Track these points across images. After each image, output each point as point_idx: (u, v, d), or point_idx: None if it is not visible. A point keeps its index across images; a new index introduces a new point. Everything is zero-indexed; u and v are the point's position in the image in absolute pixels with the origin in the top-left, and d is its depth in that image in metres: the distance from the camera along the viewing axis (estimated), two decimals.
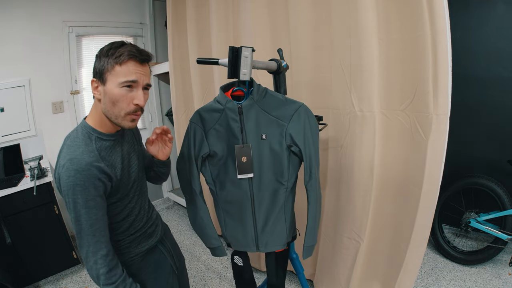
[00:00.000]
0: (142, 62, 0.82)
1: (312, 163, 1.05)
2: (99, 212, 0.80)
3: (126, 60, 0.79)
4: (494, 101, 2.07)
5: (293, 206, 1.16)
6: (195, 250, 2.45)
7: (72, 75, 2.60)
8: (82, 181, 0.76)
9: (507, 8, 1.91)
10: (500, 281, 1.81)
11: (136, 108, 0.83)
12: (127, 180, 0.90)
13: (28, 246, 1.97)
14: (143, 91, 0.84)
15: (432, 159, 1.18)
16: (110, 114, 0.83)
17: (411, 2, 1.12)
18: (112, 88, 0.80)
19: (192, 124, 1.10)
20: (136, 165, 0.95)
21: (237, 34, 1.77)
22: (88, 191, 0.77)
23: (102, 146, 0.84)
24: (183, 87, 2.48)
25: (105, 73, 0.80)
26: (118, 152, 0.88)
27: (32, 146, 2.37)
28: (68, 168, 0.76)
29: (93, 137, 0.84)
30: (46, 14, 2.40)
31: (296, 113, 1.03)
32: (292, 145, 1.04)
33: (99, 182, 0.79)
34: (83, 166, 0.77)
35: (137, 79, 0.81)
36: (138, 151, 0.99)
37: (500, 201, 1.89)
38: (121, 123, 0.84)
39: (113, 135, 0.88)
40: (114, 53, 0.78)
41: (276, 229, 1.11)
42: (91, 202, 0.78)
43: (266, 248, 1.13)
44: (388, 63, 1.25)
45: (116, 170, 0.85)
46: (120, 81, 0.79)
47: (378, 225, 1.44)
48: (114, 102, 0.81)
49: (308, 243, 1.11)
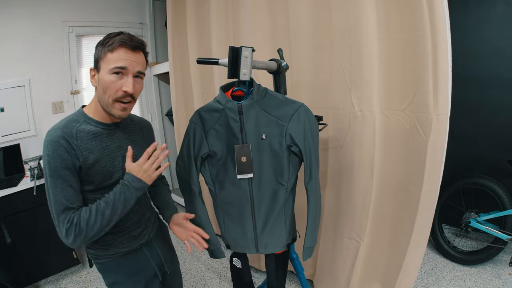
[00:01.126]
0: (134, 49, 0.82)
1: (312, 164, 1.05)
2: (65, 183, 0.80)
3: (117, 47, 0.80)
4: (494, 101, 2.07)
5: (293, 207, 1.16)
6: (195, 250, 2.45)
7: (72, 75, 2.60)
8: (51, 151, 0.79)
9: (507, 8, 1.91)
10: (500, 281, 1.81)
11: (123, 94, 0.83)
12: (108, 173, 0.88)
13: (28, 246, 1.97)
14: (134, 79, 0.84)
15: (432, 159, 1.18)
16: (102, 101, 0.85)
17: (411, 2, 1.12)
18: (103, 75, 0.82)
19: (192, 124, 1.10)
20: (121, 163, 0.91)
21: (237, 34, 1.77)
22: (55, 161, 0.79)
23: (86, 129, 0.85)
24: (183, 87, 2.48)
25: (100, 61, 0.82)
26: (102, 141, 0.88)
27: (32, 146, 2.37)
28: (44, 140, 0.81)
29: (81, 120, 0.86)
30: (46, 14, 2.41)
31: (296, 113, 1.03)
32: (292, 145, 1.04)
33: (66, 155, 0.80)
34: (54, 138, 0.80)
35: (127, 66, 0.81)
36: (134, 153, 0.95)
37: (500, 201, 1.89)
38: (111, 111, 0.85)
39: (103, 124, 0.89)
40: (108, 41, 0.80)
41: (275, 230, 1.11)
42: (57, 173, 0.79)
43: (266, 250, 1.13)
44: (388, 63, 1.25)
45: (89, 155, 0.84)
46: (110, 67, 0.80)
47: (378, 225, 1.44)
48: (105, 89, 0.82)
49: (308, 244, 1.10)
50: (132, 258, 0.99)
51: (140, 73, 0.85)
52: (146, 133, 1.05)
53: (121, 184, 0.86)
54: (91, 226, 0.80)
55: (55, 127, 0.83)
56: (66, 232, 0.79)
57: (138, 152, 0.94)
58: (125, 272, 0.98)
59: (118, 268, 0.97)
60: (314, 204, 1.08)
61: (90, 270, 2.25)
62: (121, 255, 0.96)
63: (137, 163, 0.87)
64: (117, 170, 0.91)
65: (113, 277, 0.98)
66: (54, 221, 0.81)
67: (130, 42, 0.81)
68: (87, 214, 0.80)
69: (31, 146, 2.37)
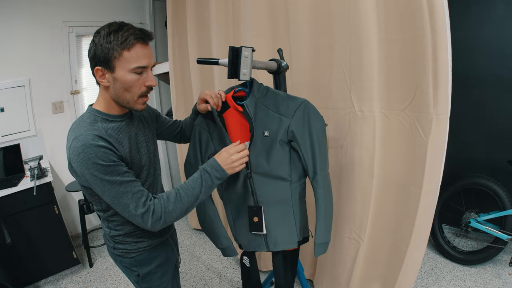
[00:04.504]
0: (147, 42, 0.82)
1: (316, 160, 1.03)
2: (120, 173, 0.79)
3: (133, 44, 0.77)
4: (494, 101, 2.07)
5: (303, 203, 1.14)
6: (195, 250, 2.45)
7: (72, 75, 2.60)
8: (92, 154, 0.75)
9: (507, 8, 1.91)
10: (500, 281, 1.81)
11: (147, 89, 0.84)
12: (138, 161, 0.90)
13: (28, 246, 1.97)
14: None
15: (432, 159, 1.18)
16: (122, 99, 0.83)
17: (411, 2, 1.11)
18: (123, 74, 0.79)
19: (197, 127, 1.12)
20: (145, 148, 0.95)
21: (237, 34, 1.77)
22: (100, 161, 0.76)
23: (109, 126, 0.85)
24: (183, 87, 2.48)
25: (113, 61, 0.78)
26: (125, 132, 0.88)
27: (32, 146, 2.37)
28: (75, 147, 0.76)
29: (99, 119, 0.84)
30: (46, 14, 2.41)
31: (299, 109, 1.02)
32: (293, 140, 1.03)
33: (109, 151, 0.78)
34: (89, 139, 0.76)
35: (147, 64, 0.81)
36: (147, 136, 0.99)
37: (500, 201, 1.89)
38: (134, 107, 0.85)
39: (120, 116, 0.89)
40: (118, 37, 0.76)
41: (284, 226, 1.10)
42: (108, 168, 0.77)
43: (276, 247, 1.12)
44: (388, 63, 1.25)
45: (124, 148, 0.85)
46: (132, 67, 0.79)
47: (378, 225, 1.44)
48: (127, 88, 0.81)
49: (318, 240, 1.08)
50: (162, 249, 1.03)
51: (153, 65, 0.86)
52: (147, 114, 1.06)
53: (201, 171, 0.88)
54: (169, 212, 0.83)
55: (80, 131, 0.78)
56: (142, 217, 0.80)
57: (148, 134, 0.99)
58: (157, 263, 1.01)
59: (151, 259, 1.00)
60: (323, 200, 1.05)
61: (90, 270, 2.26)
62: (153, 246, 1.00)
63: (227, 150, 0.91)
64: (143, 156, 0.93)
65: (146, 268, 1.00)
66: (126, 212, 0.80)
67: (145, 36, 0.79)
68: (164, 201, 0.83)
69: (31, 146, 2.37)
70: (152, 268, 1.00)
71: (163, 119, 1.17)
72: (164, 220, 0.83)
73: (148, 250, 0.99)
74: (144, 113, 1.03)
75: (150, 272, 1.00)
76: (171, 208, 0.83)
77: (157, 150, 1.05)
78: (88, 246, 2.28)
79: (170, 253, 1.08)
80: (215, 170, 0.88)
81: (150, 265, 1.00)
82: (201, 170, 0.89)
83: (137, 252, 0.97)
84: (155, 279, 1.02)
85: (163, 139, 1.21)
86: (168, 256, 1.07)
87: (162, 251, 1.04)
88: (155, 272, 1.01)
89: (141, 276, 1.00)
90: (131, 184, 0.80)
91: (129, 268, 1.01)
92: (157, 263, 1.02)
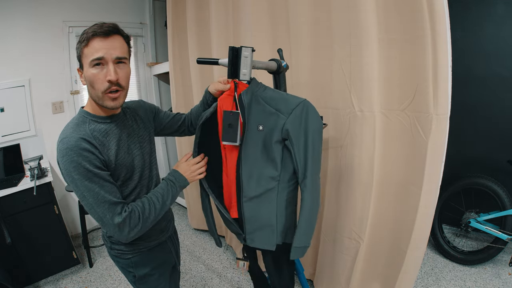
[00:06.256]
0: (107, 35, 0.79)
1: (308, 162, 0.99)
2: (101, 180, 0.79)
3: (90, 40, 0.78)
4: (494, 101, 2.07)
5: (290, 207, 1.09)
6: (195, 250, 2.45)
7: (72, 75, 2.60)
8: (75, 157, 0.77)
9: (507, 8, 1.92)
10: (500, 281, 1.81)
11: (109, 84, 0.81)
12: (129, 162, 0.90)
13: (28, 246, 1.97)
14: (116, 65, 0.81)
15: (432, 159, 1.18)
16: (94, 97, 0.84)
17: (411, 2, 1.11)
18: (86, 70, 0.81)
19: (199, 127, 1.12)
20: (138, 149, 0.95)
21: (237, 34, 1.77)
22: (82, 165, 0.77)
23: (96, 128, 0.85)
24: (183, 87, 2.48)
25: (81, 60, 0.81)
26: (114, 134, 0.88)
27: (32, 146, 2.37)
28: (61, 149, 0.78)
29: (87, 120, 0.86)
30: (46, 14, 2.41)
31: (297, 107, 0.97)
32: (287, 139, 0.99)
33: (91, 155, 0.79)
34: (73, 142, 0.78)
35: (103, 55, 0.79)
36: (142, 136, 0.99)
37: (500, 201, 1.89)
38: (104, 104, 0.84)
39: (108, 118, 0.89)
40: (81, 37, 0.80)
41: (264, 225, 1.06)
42: (90, 174, 0.78)
43: (253, 243, 1.09)
44: (388, 63, 1.25)
45: (109, 151, 0.85)
46: (89, 61, 0.79)
47: (378, 225, 1.44)
48: (91, 84, 0.82)
49: (295, 244, 1.03)
50: (159, 250, 1.04)
51: (119, 58, 0.81)
52: (143, 113, 1.04)
53: (167, 181, 0.94)
54: (146, 217, 0.85)
55: (66, 134, 0.80)
56: (118, 226, 0.80)
57: (143, 135, 1.00)
58: (153, 265, 1.01)
59: (147, 261, 1.00)
60: (307, 204, 1.01)
61: (90, 270, 2.26)
62: (149, 248, 1.00)
63: (187, 162, 1.02)
64: (135, 157, 0.93)
65: (142, 270, 1.00)
66: (102, 221, 0.80)
67: (100, 29, 0.78)
68: (140, 207, 0.85)
69: (31, 146, 2.37)
70: (148, 270, 1.00)
71: (163, 114, 1.16)
72: (141, 227, 0.85)
73: (144, 252, 0.98)
74: (140, 112, 1.03)
75: (146, 274, 1.00)
76: (147, 214, 0.86)
77: (154, 150, 1.04)
78: (88, 246, 2.28)
79: (168, 256, 1.07)
80: (178, 179, 0.98)
81: (146, 267, 0.99)
82: (166, 180, 0.97)
83: (133, 254, 0.97)
84: (152, 280, 1.02)
85: (166, 134, 1.21)
86: (165, 258, 1.06)
87: (159, 253, 1.03)
88: (151, 274, 1.01)
89: (137, 277, 1.00)
90: (110, 194, 0.81)
91: (125, 269, 1.01)
92: (154, 265, 1.01)
